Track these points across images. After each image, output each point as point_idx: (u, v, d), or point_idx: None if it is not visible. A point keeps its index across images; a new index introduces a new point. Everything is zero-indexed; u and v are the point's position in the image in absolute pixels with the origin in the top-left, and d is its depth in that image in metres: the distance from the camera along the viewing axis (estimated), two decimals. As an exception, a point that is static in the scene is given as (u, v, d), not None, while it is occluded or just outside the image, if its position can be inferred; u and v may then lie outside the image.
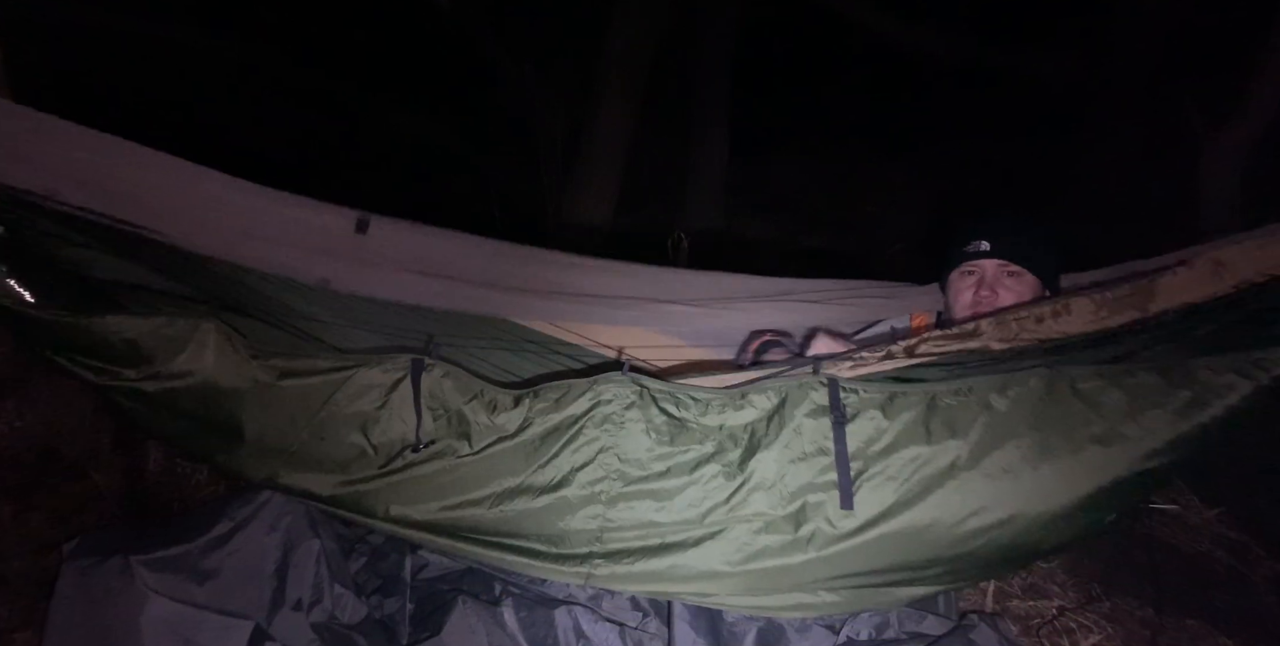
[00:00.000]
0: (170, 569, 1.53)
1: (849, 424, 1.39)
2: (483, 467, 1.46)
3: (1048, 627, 1.88)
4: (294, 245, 1.83)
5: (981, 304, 1.77)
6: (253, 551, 1.58)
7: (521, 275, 2.00)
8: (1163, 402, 1.35)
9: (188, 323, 1.51)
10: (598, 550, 1.45)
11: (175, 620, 1.48)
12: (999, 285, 1.77)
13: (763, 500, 1.41)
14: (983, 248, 1.78)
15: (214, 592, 1.52)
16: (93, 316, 1.49)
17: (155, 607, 1.48)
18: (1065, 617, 1.90)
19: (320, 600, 1.59)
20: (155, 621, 1.47)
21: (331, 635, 1.57)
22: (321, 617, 1.58)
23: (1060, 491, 1.38)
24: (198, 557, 1.56)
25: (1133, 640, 1.86)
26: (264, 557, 1.58)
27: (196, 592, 1.51)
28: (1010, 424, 1.37)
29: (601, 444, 1.43)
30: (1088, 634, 1.86)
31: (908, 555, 1.42)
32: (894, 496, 1.39)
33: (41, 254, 1.56)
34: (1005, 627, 1.71)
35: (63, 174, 1.58)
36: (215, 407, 1.53)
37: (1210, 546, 2.14)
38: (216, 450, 1.59)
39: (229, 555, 1.57)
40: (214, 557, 1.56)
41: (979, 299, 1.78)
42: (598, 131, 4.16)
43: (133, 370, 1.53)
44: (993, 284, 1.77)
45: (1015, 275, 1.78)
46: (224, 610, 1.51)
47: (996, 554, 1.43)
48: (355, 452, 1.50)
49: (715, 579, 1.45)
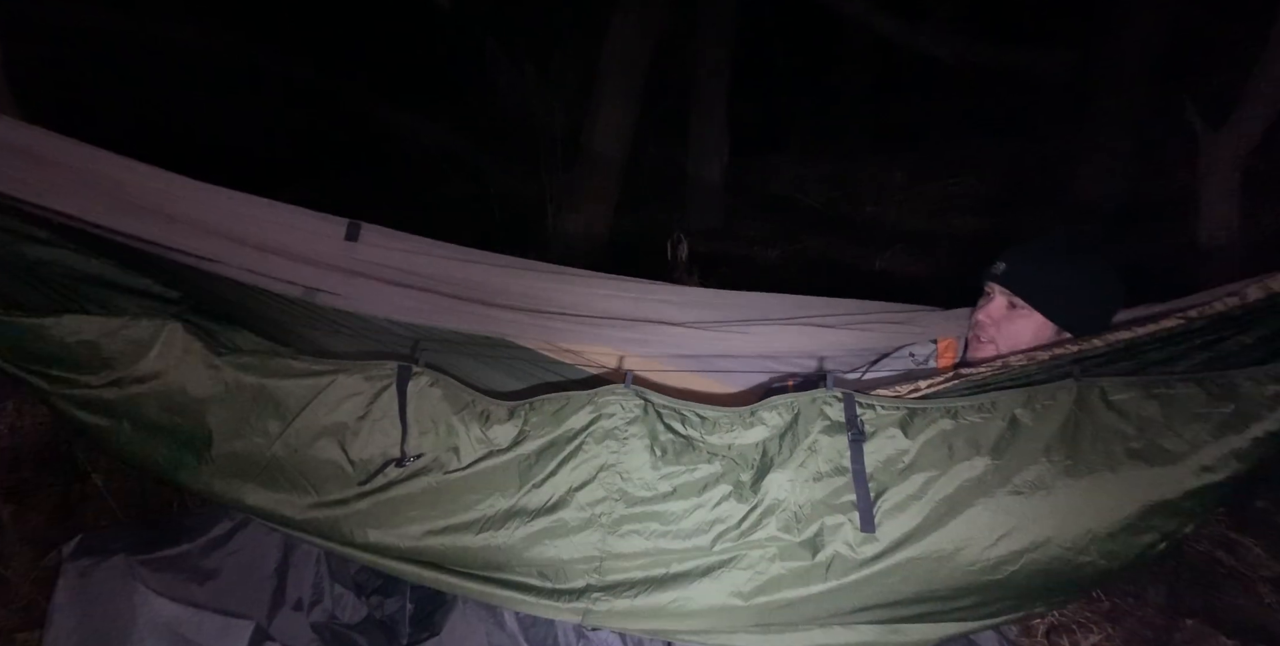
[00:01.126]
0: (170, 569, 1.53)
1: (867, 441, 1.30)
2: (472, 485, 1.36)
3: (1047, 627, 1.88)
4: (280, 252, 1.72)
5: (977, 341, 1.65)
6: (253, 551, 1.58)
7: (516, 290, 1.87)
8: (1203, 415, 1.27)
9: (152, 322, 1.40)
10: (596, 582, 1.35)
11: (175, 620, 1.48)
12: (997, 326, 1.62)
13: (777, 523, 1.32)
14: (997, 269, 1.62)
15: (214, 592, 1.52)
16: (47, 317, 1.38)
17: (155, 607, 1.48)
18: (1065, 617, 1.90)
19: (320, 600, 1.60)
20: (155, 621, 1.48)
21: (331, 635, 1.57)
22: (321, 617, 1.59)
23: (1098, 510, 1.29)
24: (198, 557, 1.56)
25: (1133, 640, 1.86)
26: (264, 557, 1.58)
27: (196, 592, 1.51)
28: (1039, 438, 1.28)
29: (602, 461, 1.34)
30: (1088, 633, 1.86)
31: (935, 583, 1.31)
32: (918, 517, 1.29)
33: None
34: (1005, 628, 1.71)
35: (37, 178, 1.47)
36: (181, 416, 1.41)
37: (1210, 546, 2.14)
38: (181, 466, 1.45)
39: (229, 555, 1.57)
40: (214, 557, 1.57)
41: (975, 335, 1.66)
42: (598, 131, 4.16)
43: (92, 376, 1.40)
44: (998, 321, 1.62)
45: (1018, 316, 1.60)
46: (224, 610, 1.51)
47: (1034, 581, 1.32)
48: (331, 470, 1.38)
49: (725, 613, 1.35)
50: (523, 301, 1.88)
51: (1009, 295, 1.60)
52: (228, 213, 1.65)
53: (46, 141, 1.50)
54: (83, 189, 1.52)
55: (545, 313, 1.88)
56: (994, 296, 1.63)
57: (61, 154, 1.51)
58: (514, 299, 1.87)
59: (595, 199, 4.24)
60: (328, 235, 1.76)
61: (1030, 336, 1.59)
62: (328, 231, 1.76)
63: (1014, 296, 1.59)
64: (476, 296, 1.86)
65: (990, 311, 1.63)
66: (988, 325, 1.62)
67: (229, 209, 1.66)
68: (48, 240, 1.48)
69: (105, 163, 1.55)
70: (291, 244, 1.73)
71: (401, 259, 1.82)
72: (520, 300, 1.87)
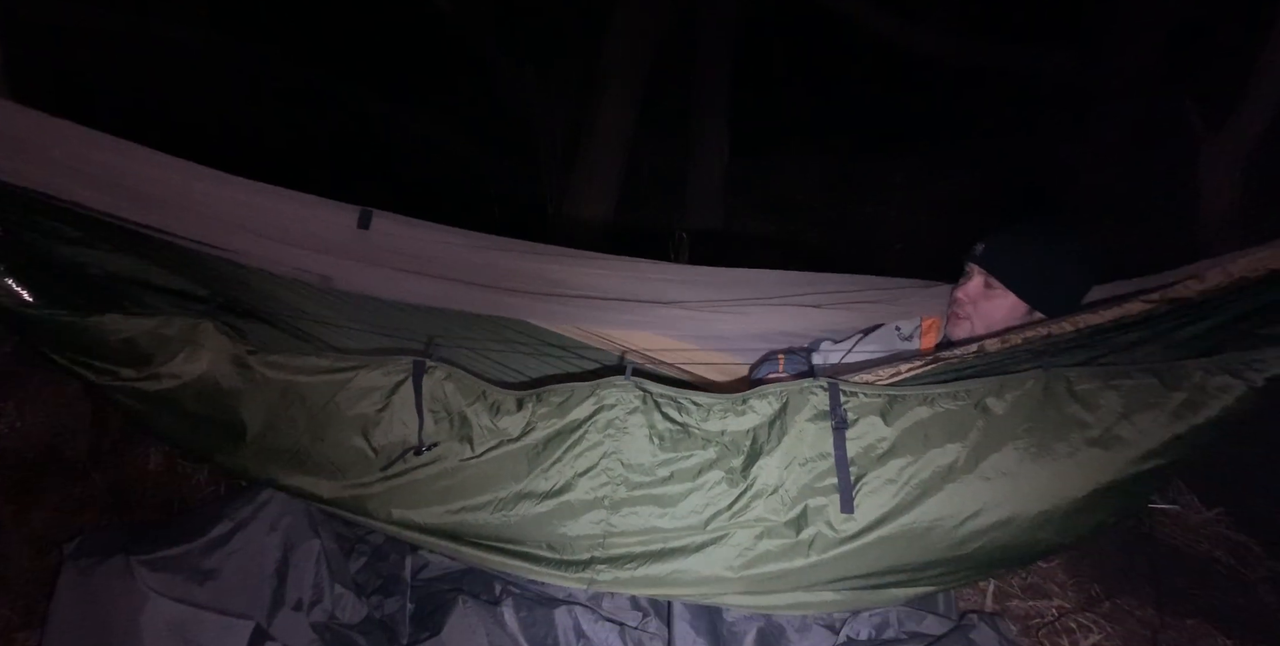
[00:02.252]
0: (170, 569, 1.53)
1: (849, 429, 1.39)
2: (485, 471, 1.46)
3: (1047, 627, 1.88)
4: (296, 241, 1.82)
5: (955, 317, 1.73)
6: (253, 551, 1.58)
7: (524, 273, 1.98)
8: (1158, 404, 1.35)
9: (186, 322, 1.51)
10: (600, 555, 1.45)
11: (175, 620, 1.48)
12: (973, 304, 1.70)
13: (765, 505, 1.41)
14: (977, 250, 1.71)
15: (214, 592, 1.52)
16: (90, 316, 1.49)
17: (155, 607, 1.48)
18: (1065, 617, 1.90)
19: (320, 600, 1.60)
20: (155, 621, 1.48)
21: (331, 635, 1.57)
22: (321, 617, 1.58)
23: (1057, 492, 1.39)
24: (198, 557, 1.56)
25: (1133, 640, 1.86)
26: (264, 557, 1.58)
27: (196, 592, 1.51)
28: (1008, 427, 1.37)
29: (605, 449, 1.43)
30: (1088, 634, 1.86)
31: (907, 557, 1.43)
32: (894, 500, 1.39)
33: (40, 253, 1.55)
34: (1005, 627, 1.72)
35: (60, 171, 1.57)
36: (216, 407, 1.53)
37: (1210, 546, 2.14)
38: (218, 450, 1.58)
39: (229, 555, 1.57)
40: (214, 557, 1.56)
41: (953, 311, 1.74)
42: (598, 131, 4.16)
43: (132, 370, 1.53)
44: (975, 299, 1.70)
45: (993, 295, 1.68)
46: (224, 610, 1.51)
47: (995, 554, 1.44)
48: (356, 455, 1.49)
49: (717, 583, 1.46)
50: (530, 283, 1.98)
51: (986, 275, 1.68)
52: (243, 202, 1.74)
53: (68, 132, 1.57)
54: (104, 180, 1.60)
55: (554, 295, 2.00)
56: (972, 276, 1.71)
57: (82, 144, 1.58)
58: (522, 281, 1.98)
59: (595, 199, 4.24)
60: (341, 223, 1.85)
61: (1004, 315, 1.68)
62: (341, 219, 1.85)
63: (990, 277, 1.68)
64: (486, 280, 1.96)
65: (968, 290, 1.71)
66: (965, 303, 1.71)
67: (244, 198, 1.74)
68: (80, 240, 1.58)
69: (123, 152, 1.62)
70: (305, 232, 1.82)
71: (413, 245, 1.90)
72: (529, 283, 1.98)
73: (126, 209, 1.64)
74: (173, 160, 1.67)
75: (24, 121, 1.55)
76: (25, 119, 1.56)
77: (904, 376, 1.45)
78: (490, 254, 1.95)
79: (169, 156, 1.67)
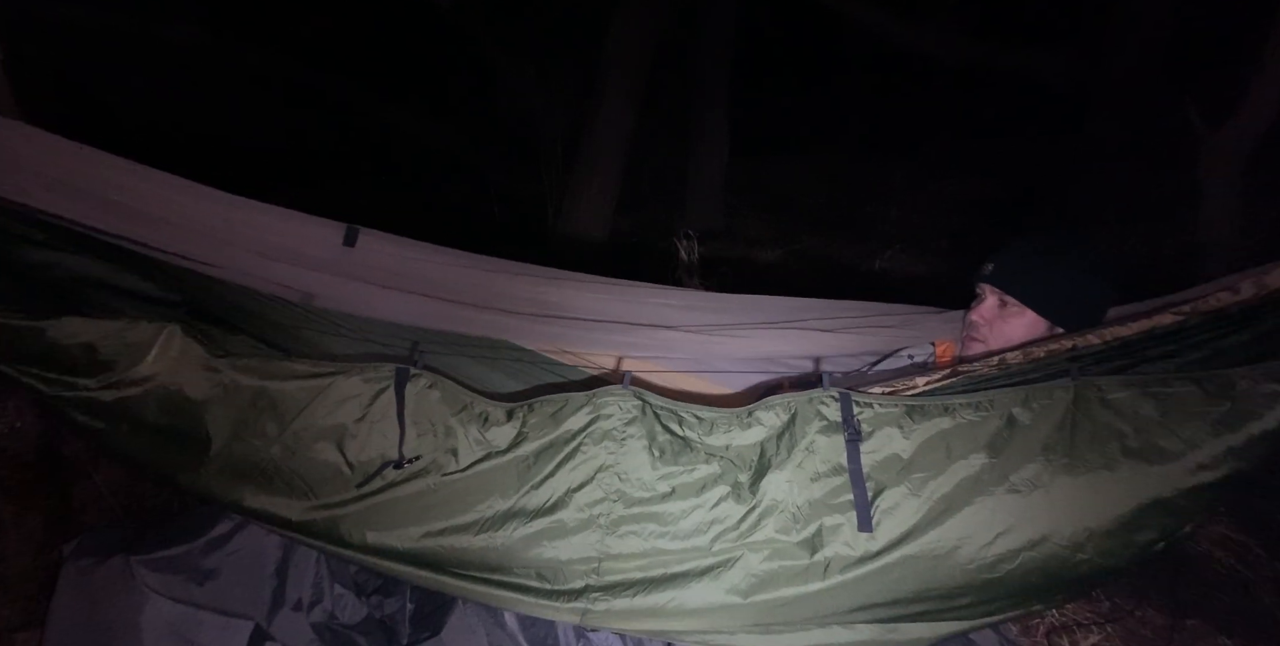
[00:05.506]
0: (170, 569, 1.53)
1: (864, 441, 1.30)
2: (470, 487, 1.35)
3: (1047, 627, 1.88)
4: (278, 257, 1.70)
5: (971, 340, 1.65)
6: (253, 551, 1.58)
7: (514, 294, 1.87)
8: (1200, 413, 1.27)
9: (152, 325, 1.40)
10: (594, 583, 1.34)
11: (175, 620, 1.49)
12: (989, 326, 1.63)
13: (775, 525, 1.31)
14: (986, 270, 1.63)
15: (214, 592, 1.52)
16: (47, 319, 1.38)
17: (155, 607, 1.49)
18: (1065, 617, 1.90)
19: (320, 600, 1.60)
20: (155, 621, 1.48)
21: (331, 635, 1.57)
22: (321, 617, 1.59)
23: (1095, 508, 1.29)
24: (198, 557, 1.56)
25: (1132, 640, 1.86)
26: (264, 557, 1.58)
27: (196, 592, 1.51)
28: (1037, 436, 1.29)
29: (601, 462, 1.33)
30: (1088, 634, 1.86)
31: (934, 581, 1.31)
32: (916, 516, 1.29)
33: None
34: (1005, 627, 1.71)
35: (33, 181, 1.46)
36: (180, 418, 1.40)
37: (1210, 546, 2.14)
38: (180, 468, 1.43)
39: (229, 555, 1.57)
40: (214, 557, 1.56)
41: (969, 335, 1.66)
42: (598, 131, 4.16)
43: (90, 379, 1.40)
44: (990, 320, 1.63)
45: (1010, 314, 1.60)
46: (224, 610, 1.51)
47: (1031, 579, 1.32)
48: (330, 471, 1.37)
49: (723, 612, 1.34)
50: (522, 305, 1.87)
51: (999, 294, 1.61)
52: (225, 217, 1.64)
53: (46, 143, 1.49)
54: (81, 192, 1.51)
55: (545, 316, 1.87)
56: (985, 297, 1.64)
57: (60, 156, 1.50)
58: (513, 302, 1.86)
59: (595, 199, 4.24)
60: (325, 240, 1.75)
61: (1023, 334, 1.59)
62: (325, 236, 1.75)
63: (1004, 295, 1.60)
64: (475, 300, 1.85)
65: (982, 311, 1.63)
66: (980, 325, 1.63)
67: (226, 213, 1.64)
68: (46, 242, 1.47)
69: (104, 165, 1.54)
70: (289, 249, 1.72)
71: (399, 263, 1.81)
72: (520, 304, 1.87)
73: (103, 221, 1.53)
74: (154, 172, 1.58)
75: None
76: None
77: (921, 390, 1.37)
78: (480, 273, 1.85)
79: (150, 169, 1.58)
